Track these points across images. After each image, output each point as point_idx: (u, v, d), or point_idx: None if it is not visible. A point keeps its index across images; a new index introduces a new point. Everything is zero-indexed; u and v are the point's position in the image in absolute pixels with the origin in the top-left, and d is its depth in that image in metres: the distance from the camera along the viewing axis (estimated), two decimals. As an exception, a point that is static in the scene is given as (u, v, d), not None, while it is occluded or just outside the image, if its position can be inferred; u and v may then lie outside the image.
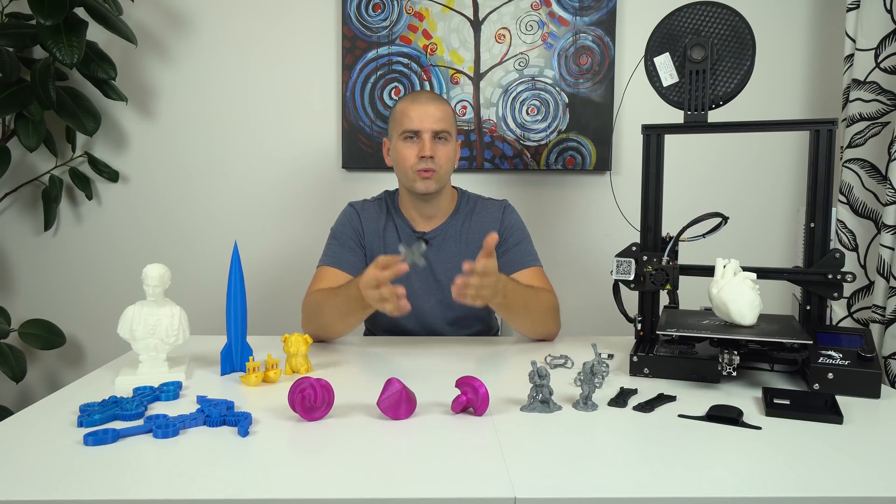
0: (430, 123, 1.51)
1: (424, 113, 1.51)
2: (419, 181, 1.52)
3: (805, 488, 0.75)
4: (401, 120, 1.53)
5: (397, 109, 1.56)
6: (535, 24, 2.07)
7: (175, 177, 2.15)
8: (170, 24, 2.10)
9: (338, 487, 0.74)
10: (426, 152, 1.50)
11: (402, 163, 1.53)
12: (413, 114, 1.51)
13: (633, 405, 1.02)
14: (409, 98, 1.56)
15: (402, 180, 1.58)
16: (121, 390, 1.09)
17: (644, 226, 1.28)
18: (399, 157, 1.54)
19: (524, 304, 1.41)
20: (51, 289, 2.18)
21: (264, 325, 1.92)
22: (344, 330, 1.44)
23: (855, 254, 1.90)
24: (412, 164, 1.52)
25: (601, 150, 2.10)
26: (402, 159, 1.53)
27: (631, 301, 1.32)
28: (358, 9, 2.06)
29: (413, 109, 1.51)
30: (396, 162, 1.56)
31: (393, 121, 1.57)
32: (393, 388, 0.95)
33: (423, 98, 1.54)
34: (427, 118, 1.51)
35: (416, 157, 1.51)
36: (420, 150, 1.51)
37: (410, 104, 1.53)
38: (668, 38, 1.25)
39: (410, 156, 1.52)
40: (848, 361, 1.08)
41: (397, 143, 1.54)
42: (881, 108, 1.83)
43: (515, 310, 1.40)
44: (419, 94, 1.56)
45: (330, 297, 1.40)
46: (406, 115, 1.52)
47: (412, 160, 1.52)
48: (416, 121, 1.51)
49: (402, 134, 1.53)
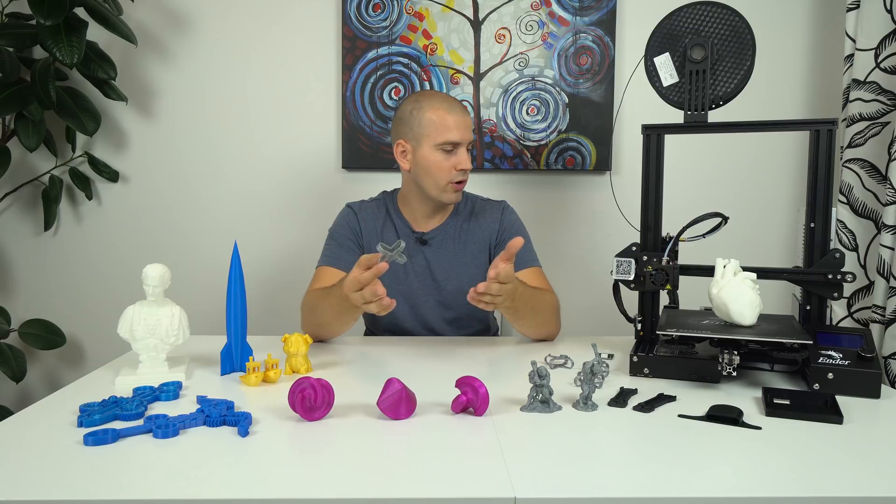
0: (468, 135, 1.50)
1: (463, 124, 1.49)
2: (451, 193, 1.51)
3: (805, 488, 0.75)
4: (439, 129, 1.48)
5: (432, 117, 1.49)
6: (535, 24, 2.07)
7: (175, 177, 2.15)
8: (170, 24, 2.10)
9: (338, 487, 0.74)
10: (467, 165, 1.49)
11: (438, 173, 1.50)
12: (452, 124, 1.48)
13: (633, 405, 1.02)
14: (442, 105, 1.50)
15: (428, 188, 1.53)
16: (121, 390, 1.09)
17: (644, 226, 1.28)
18: (434, 167, 1.49)
19: (531, 306, 1.40)
20: (51, 289, 2.18)
21: (264, 325, 1.93)
22: (340, 329, 1.43)
23: (855, 254, 1.90)
24: (451, 177, 1.50)
25: (601, 150, 2.10)
26: (439, 170, 1.49)
27: (631, 301, 1.32)
28: (358, 9, 2.06)
29: (451, 119, 1.48)
30: (428, 170, 1.50)
31: (426, 126, 1.49)
32: (393, 388, 0.95)
33: (458, 107, 1.50)
34: (465, 130, 1.49)
35: (454, 169, 1.49)
36: (458, 162, 1.49)
37: (448, 113, 1.48)
38: (668, 38, 1.25)
39: (448, 167, 1.49)
40: (848, 361, 1.08)
41: (432, 151, 1.49)
42: (881, 108, 1.83)
43: (522, 312, 1.39)
44: (452, 103, 1.51)
45: (324, 296, 1.40)
46: (445, 124, 1.47)
47: (451, 172, 1.49)
48: (456, 132, 1.48)
49: (441, 144, 1.48)
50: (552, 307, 1.47)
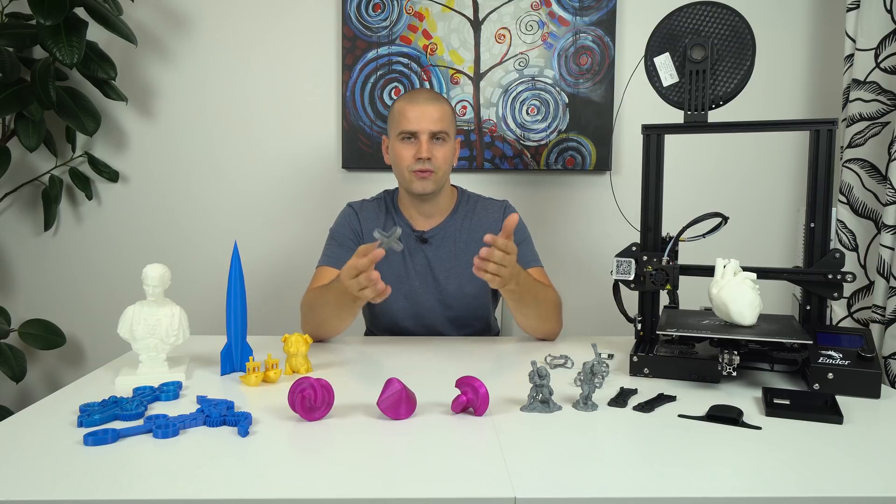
0: (428, 124, 1.50)
1: (422, 113, 1.50)
2: (416, 182, 1.52)
3: (805, 488, 0.75)
4: (398, 120, 1.52)
5: (395, 108, 1.55)
6: (535, 24, 2.07)
7: (175, 177, 2.15)
8: (170, 24, 2.10)
9: (338, 487, 0.74)
10: (423, 154, 1.50)
11: (399, 163, 1.54)
12: (410, 114, 1.50)
13: (633, 405, 1.02)
14: (406, 97, 1.55)
15: (399, 180, 1.58)
16: (121, 390, 1.09)
17: (644, 226, 1.28)
18: (396, 158, 1.54)
19: (534, 295, 1.40)
20: (51, 289, 2.18)
21: (264, 325, 1.92)
22: (340, 325, 1.43)
23: (855, 254, 1.90)
24: (409, 165, 1.52)
25: (601, 150, 2.10)
26: (399, 160, 1.53)
27: (631, 301, 1.32)
28: (358, 9, 2.06)
29: (410, 109, 1.51)
30: (394, 162, 1.56)
31: (391, 120, 1.56)
32: (393, 388, 0.95)
33: (420, 98, 1.53)
34: (424, 119, 1.50)
35: (412, 157, 1.51)
36: (417, 151, 1.50)
37: (408, 104, 1.52)
38: (668, 38, 1.25)
39: (407, 156, 1.52)
40: (848, 361, 1.08)
41: (395, 142, 1.54)
42: (881, 108, 1.83)
43: (526, 300, 1.39)
44: (417, 94, 1.55)
45: (322, 293, 1.41)
46: (403, 115, 1.51)
47: (409, 161, 1.51)
48: (414, 122, 1.50)
49: (400, 134, 1.52)
50: (555, 303, 1.48)
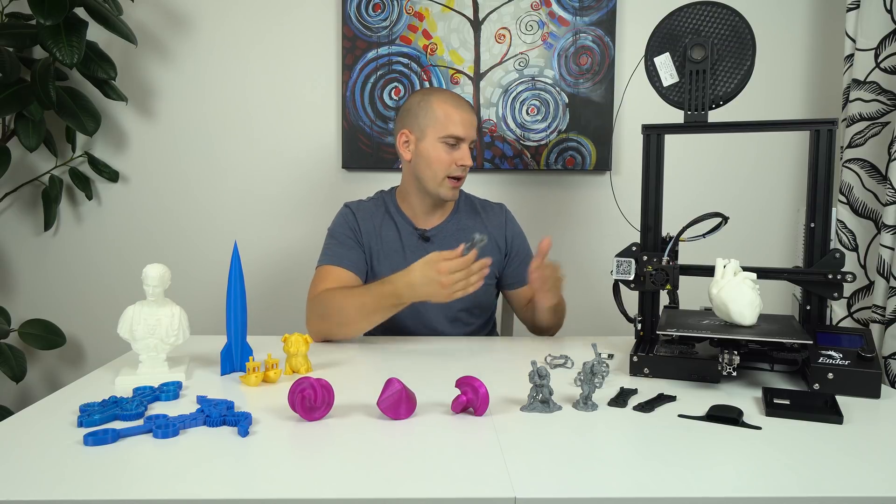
0: (473, 133, 1.52)
1: (469, 121, 1.52)
2: (448, 189, 1.53)
3: (805, 488, 0.75)
4: (445, 122, 1.50)
5: (440, 110, 1.51)
6: (535, 24, 2.07)
7: (175, 177, 2.15)
8: (170, 24, 2.10)
9: (338, 487, 0.74)
10: (468, 161, 1.51)
11: (437, 166, 1.51)
12: (458, 119, 1.50)
13: (633, 405, 1.02)
14: (449, 100, 1.52)
15: (426, 181, 1.54)
16: (121, 390, 1.09)
17: (644, 226, 1.28)
18: (434, 160, 1.51)
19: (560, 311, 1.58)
20: (51, 289, 2.18)
21: (264, 325, 1.93)
22: (364, 327, 1.40)
23: (855, 254, 1.90)
24: (447, 170, 1.51)
25: (601, 150, 2.10)
26: (438, 162, 1.51)
27: (631, 301, 1.32)
28: (358, 9, 2.06)
29: (458, 114, 1.50)
30: (429, 163, 1.52)
31: (431, 118, 1.51)
32: (393, 388, 0.95)
33: (465, 105, 1.54)
34: (470, 127, 1.52)
35: (453, 163, 1.51)
36: (459, 157, 1.51)
37: (455, 109, 1.51)
38: (668, 38, 1.25)
39: (448, 160, 1.51)
40: (848, 361, 1.08)
41: (435, 144, 1.51)
42: (881, 108, 1.83)
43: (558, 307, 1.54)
44: (460, 99, 1.54)
45: (351, 295, 1.39)
46: (451, 119, 1.50)
47: (448, 165, 1.51)
48: (462, 128, 1.50)
49: (445, 137, 1.50)
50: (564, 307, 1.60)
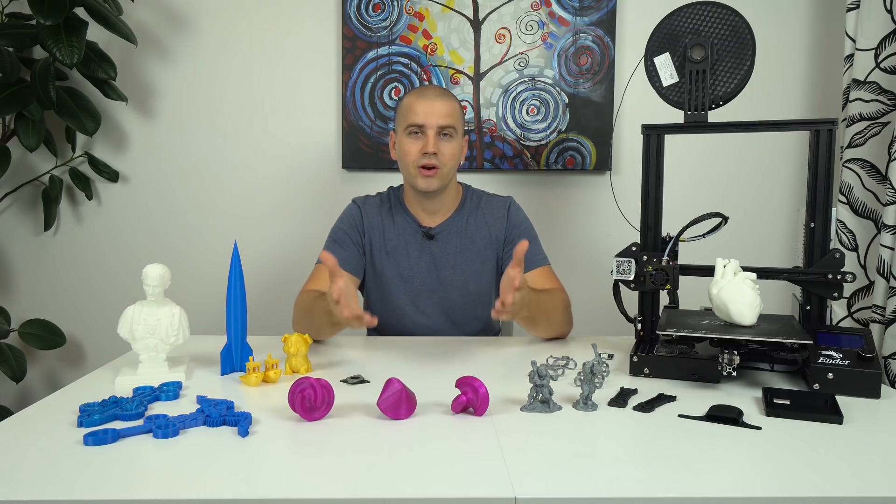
0: (436, 119, 1.50)
1: (430, 108, 1.50)
2: (420, 178, 1.51)
3: (805, 488, 0.75)
4: (406, 114, 1.52)
5: (403, 103, 1.54)
6: (535, 24, 2.07)
7: (175, 177, 2.15)
8: (170, 24, 2.10)
9: (338, 487, 0.74)
10: (429, 148, 1.49)
11: (405, 158, 1.52)
12: (418, 108, 1.50)
13: (633, 405, 1.02)
14: (415, 92, 1.54)
15: (405, 176, 1.57)
16: (121, 390, 1.09)
17: (644, 226, 1.28)
18: (402, 152, 1.53)
19: (545, 312, 1.42)
20: (51, 289, 2.18)
21: (264, 325, 1.92)
22: (331, 334, 1.43)
23: (855, 254, 1.90)
24: (414, 160, 1.51)
25: (601, 150, 2.10)
26: (405, 154, 1.52)
27: (631, 301, 1.32)
28: (358, 9, 2.06)
29: (419, 104, 1.50)
30: (401, 157, 1.55)
31: (399, 114, 1.56)
32: (393, 388, 0.95)
33: (429, 93, 1.53)
34: (433, 113, 1.50)
35: (418, 152, 1.50)
36: (423, 145, 1.50)
37: (417, 98, 1.52)
38: (668, 38, 1.25)
39: (413, 151, 1.51)
40: (848, 361, 1.08)
41: (402, 137, 1.53)
42: (881, 108, 1.83)
43: (538, 320, 1.41)
44: (426, 89, 1.55)
45: (313, 303, 1.40)
46: (411, 109, 1.51)
47: (415, 155, 1.51)
48: (422, 115, 1.50)
49: (407, 128, 1.51)
50: (564, 307, 1.49)
